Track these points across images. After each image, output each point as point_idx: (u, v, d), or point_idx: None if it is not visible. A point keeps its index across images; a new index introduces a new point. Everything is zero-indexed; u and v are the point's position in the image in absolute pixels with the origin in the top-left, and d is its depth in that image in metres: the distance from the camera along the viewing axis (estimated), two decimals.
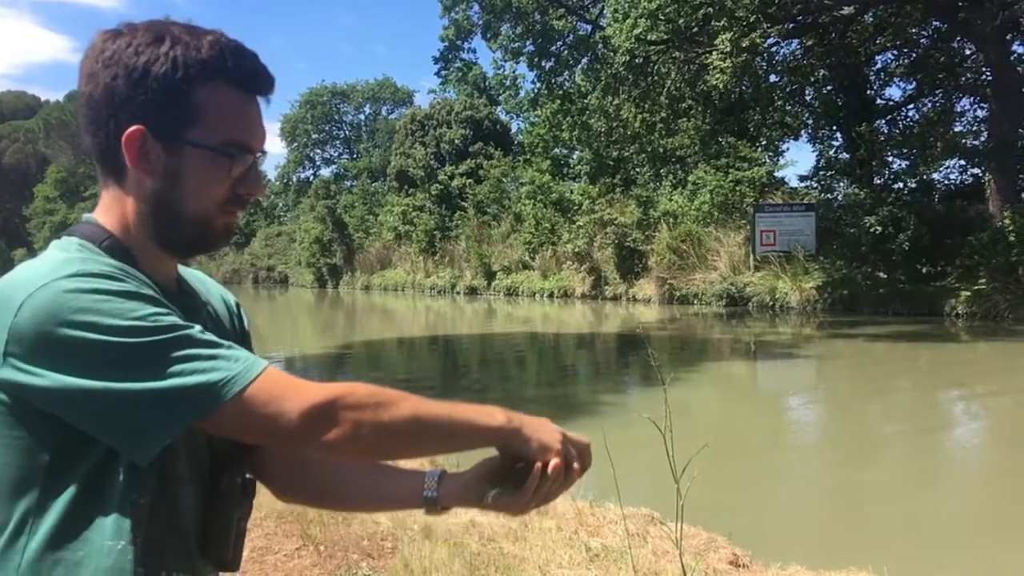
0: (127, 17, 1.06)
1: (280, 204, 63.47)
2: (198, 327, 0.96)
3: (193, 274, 1.18)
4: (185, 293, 1.12)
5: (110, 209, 1.06)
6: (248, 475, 1.14)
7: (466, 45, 27.47)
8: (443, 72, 29.01)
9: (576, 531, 4.17)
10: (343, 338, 20.21)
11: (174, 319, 0.94)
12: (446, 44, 27.19)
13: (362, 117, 63.39)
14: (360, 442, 0.96)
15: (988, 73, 20.83)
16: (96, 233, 1.04)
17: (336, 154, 63.90)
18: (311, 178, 60.19)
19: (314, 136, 62.41)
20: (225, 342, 0.97)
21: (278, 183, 64.01)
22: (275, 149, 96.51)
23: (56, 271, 0.92)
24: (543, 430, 1.07)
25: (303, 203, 53.07)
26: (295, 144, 62.30)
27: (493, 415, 1.04)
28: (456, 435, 1.02)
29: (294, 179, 62.54)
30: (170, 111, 1.01)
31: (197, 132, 1.02)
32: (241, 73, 1.04)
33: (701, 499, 3.29)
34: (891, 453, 7.78)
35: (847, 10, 20.81)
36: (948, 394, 10.71)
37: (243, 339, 1.22)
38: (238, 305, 1.25)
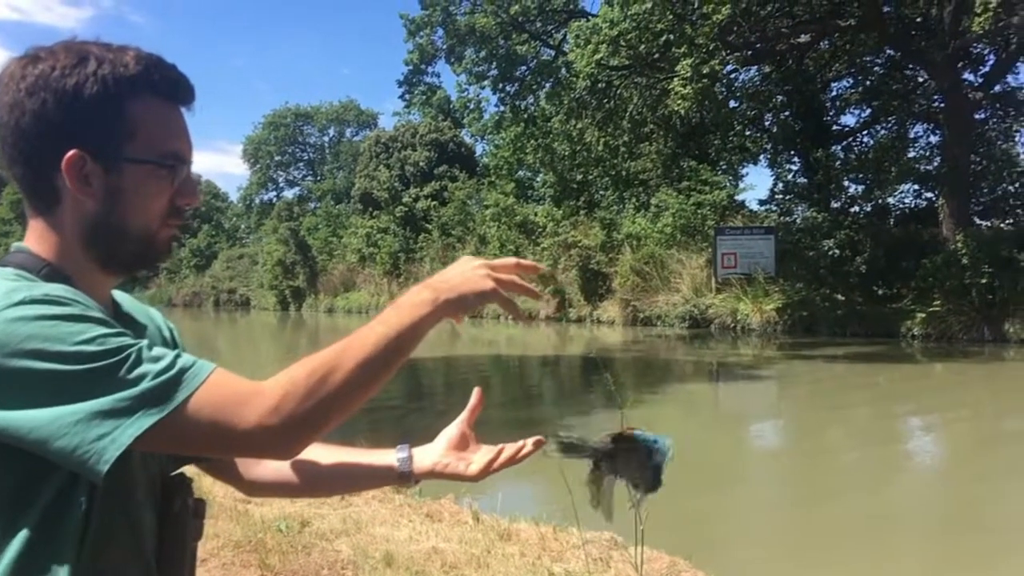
0: (87, 37, 1.04)
1: (242, 226, 62.86)
2: (146, 342, 0.94)
3: (124, 297, 1.17)
4: (122, 315, 1.12)
5: (44, 237, 1.03)
6: (198, 497, 1.14)
7: (430, 69, 27.62)
8: (407, 95, 29.09)
9: (539, 556, 4.16)
10: None
11: (123, 338, 0.92)
12: (410, 67, 27.29)
13: (326, 139, 63.31)
14: (331, 418, 0.96)
15: (940, 100, 21.43)
16: (32, 262, 1.01)
17: (300, 176, 63.65)
18: (274, 200, 59.74)
19: (277, 158, 62.09)
20: (172, 351, 0.95)
21: (240, 204, 63.44)
22: (237, 170, 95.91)
23: (1, 300, 0.90)
24: (467, 279, 1.08)
25: (266, 225, 52.54)
26: (258, 166, 61.92)
27: (420, 302, 1.03)
28: (403, 343, 1.00)
29: (256, 201, 62.07)
30: (106, 130, 1.00)
31: (135, 148, 1.01)
32: (167, 85, 1.04)
33: (663, 522, 3.31)
34: (850, 471, 7.89)
35: (804, 38, 21.33)
36: (904, 413, 10.89)
37: None
38: (169, 325, 1.24)
